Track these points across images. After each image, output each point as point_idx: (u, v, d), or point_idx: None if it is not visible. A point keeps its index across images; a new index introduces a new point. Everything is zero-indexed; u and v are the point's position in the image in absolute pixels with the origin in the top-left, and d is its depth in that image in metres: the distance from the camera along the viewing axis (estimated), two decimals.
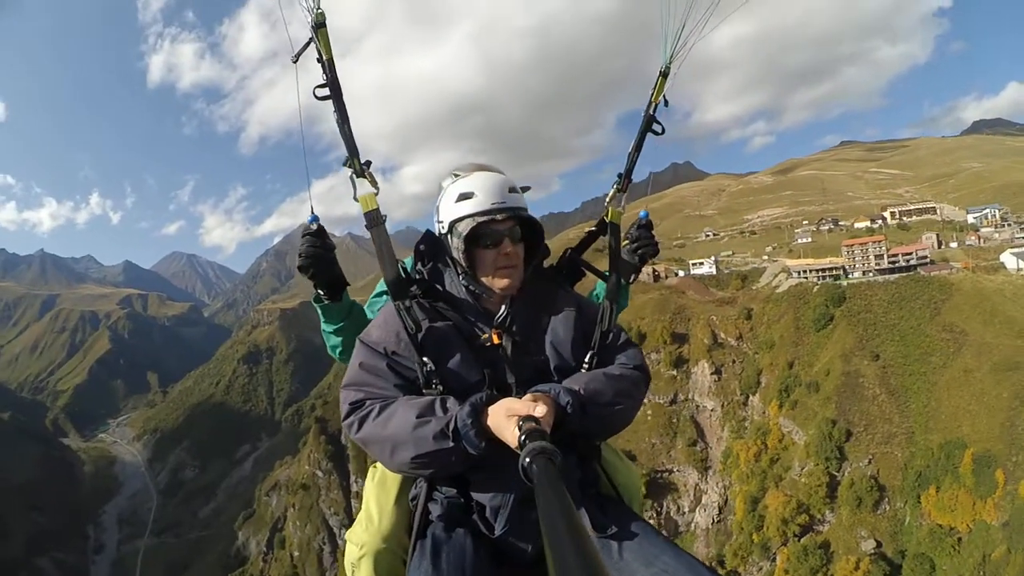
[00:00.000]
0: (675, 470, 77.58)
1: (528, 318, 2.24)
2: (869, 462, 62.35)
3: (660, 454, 78.11)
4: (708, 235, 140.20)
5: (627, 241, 3.01)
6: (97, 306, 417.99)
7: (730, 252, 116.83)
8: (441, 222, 2.26)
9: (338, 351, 2.89)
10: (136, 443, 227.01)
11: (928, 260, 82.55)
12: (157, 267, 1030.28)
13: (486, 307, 2.22)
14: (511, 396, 1.94)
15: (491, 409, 1.85)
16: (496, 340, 2.15)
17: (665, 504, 75.55)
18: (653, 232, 3.05)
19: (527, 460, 1.41)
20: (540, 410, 1.74)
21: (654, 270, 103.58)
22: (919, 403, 64.29)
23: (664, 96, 2.78)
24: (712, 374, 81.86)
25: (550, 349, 2.21)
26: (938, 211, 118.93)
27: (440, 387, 2.06)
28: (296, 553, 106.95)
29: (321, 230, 2.62)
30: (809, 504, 62.45)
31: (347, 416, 2.08)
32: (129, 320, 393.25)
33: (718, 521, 71.88)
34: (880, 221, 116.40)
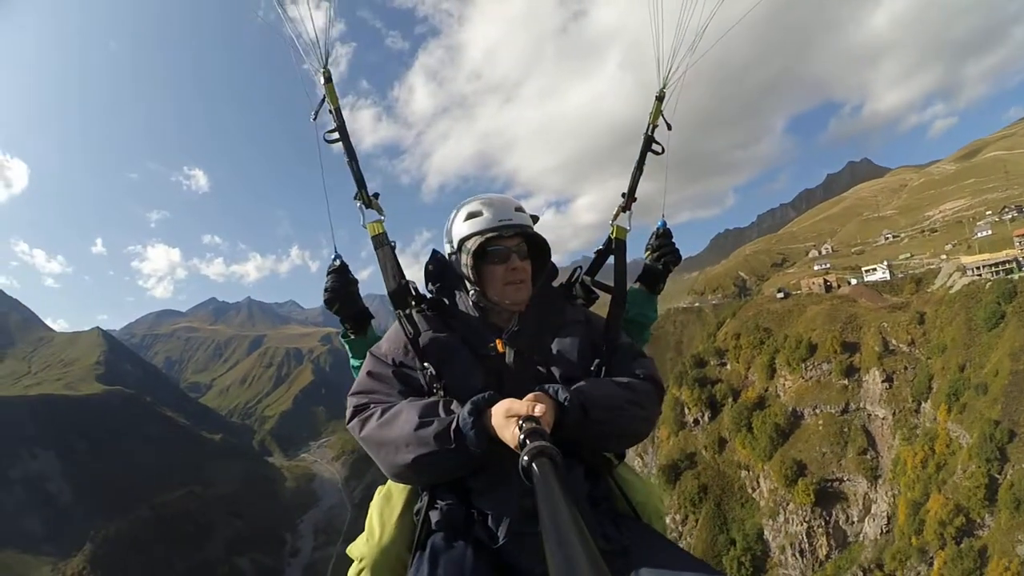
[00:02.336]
0: (845, 479, 78.20)
1: (534, 329, 2.32)
2: None
3: (830, 463, 79.41)
4: (887, 237, 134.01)
5: (648, 252, 3.16)
6: (300, 343, 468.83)
7: (908, 254, 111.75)
8: (451, 242, 2.42)
9: None
10: (335, 463, 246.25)
11: None
12: None
13: (494, 322, 2.34)
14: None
15: (492, 410, 1.85)
16: (500, 349, 2.21)
17: (834, 513, 76.63)
18: (673, 239, 3.17)
19: (527, 460, 1.40)
20: (540, 410, 1.74)
21: (825, 280, 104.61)
22: None
23: (664, 118, 3.04)
24: (883, 382, 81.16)
25: (555, 358, 2.28)
26: None
27: (442, 393, 2.12)
28: None
29: (344, 266, 2.97)
30: (968, 507, 61.42)
31: (351, 419, 2.17)
32: (329, 354, 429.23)
33: (887, 531, 71.70)
34: None
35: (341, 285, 2.92)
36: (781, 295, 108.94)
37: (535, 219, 2.46)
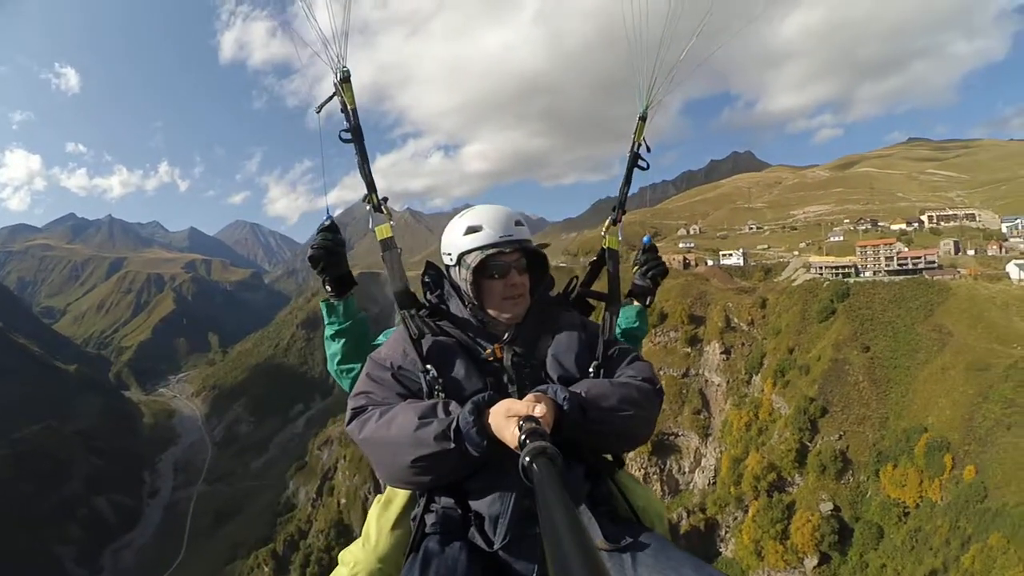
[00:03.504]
0: (680, 434, 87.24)
1: (531, 335, 2.36)
2: (839, 438, 70.72)
3: (668, 419, 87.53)
4: (752, 228, 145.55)
5: (636, 267, 3.33)
6: (163, 269, 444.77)
7: (766, 246, 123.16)
8: (449, 254, 2.41)
9: (336, 360, 2.97)
10: (195, 398, 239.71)
11: (936, 265, 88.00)
12: (221, 234, 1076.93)
13: (491, 331, 2.35)
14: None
15: (492, 410, 1.85)
16: (498, 354, 2.24)
17: (668, 463, 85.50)
18: (658, 253, 3.37)
19: (527, 459, 1.39)
20: (540, 410, 1.74)
21: (684, 258, 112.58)
22: (897, 393, 71.72)
23: (644, 140, 3.16)
24: (722, 353, 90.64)
25: (552, 362, 2.29)
26: (976, 217, 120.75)
27: (443, 395, 2.11)
28: (343, 500, 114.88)
29: (334, 225, 2.92)
30: (780, 466, 71.73)
31: (350, 421, 2.14)
32: (193, 283, 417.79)
33: (713, 483, 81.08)
34: (916, 224, 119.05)
35: (331, 244, 2.86)
36: None
37: (543, 247, 2.52)
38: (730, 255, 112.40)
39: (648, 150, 3.17)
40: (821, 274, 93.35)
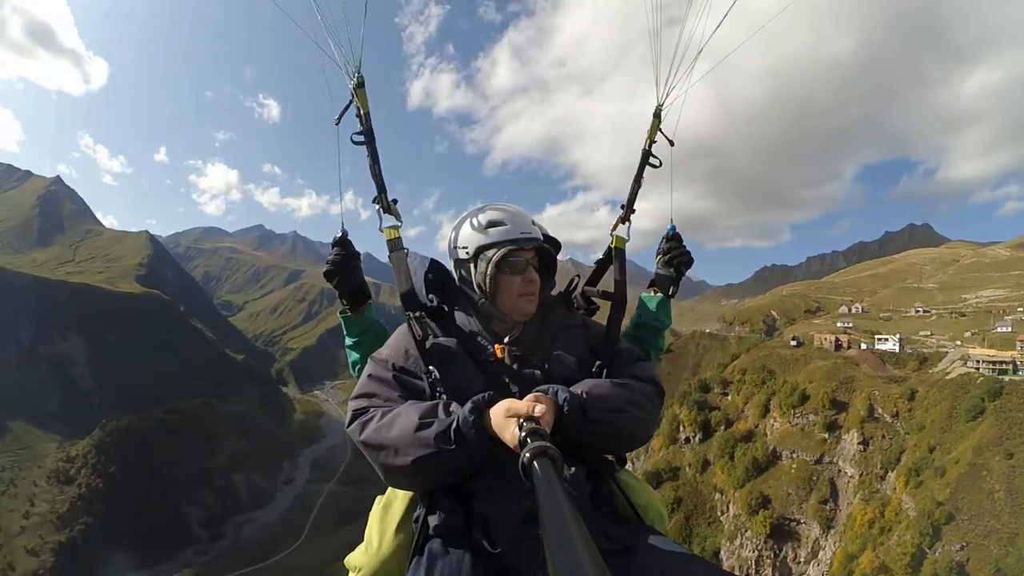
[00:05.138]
0: (802, 521, 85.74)
1: (534, 335, 2.37)
2: (961, 548, 66.85)
3: (792, 504, 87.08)
4: (917, 311, 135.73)
5: (660, 256, 3.16)
6: None
7: (929, 332, 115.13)
8: (464, 248, 2.40)
9: (356, 368, 3.00)
10: (345, 405, 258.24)
11: None
12: None
13: (495, 330, 2.37)
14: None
15: (492, 410, 1.85)
16: (500, 355, 2.25)
17: (784, 549, 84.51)
18: (683, 242, 3.15)
19: (527, 459, 1.38)
20: (540, 410, 1.73)
21: (836, 339, 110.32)
22: None
23: (664, 134, 3.10)
24: (859, 444, 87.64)
25: (555, 363, 2.29)
26: None
27: (444, 397, 2.11)
28: None
29: (347, 239, 2.96)
30: (894, 570, 68.81)
31: (350, 423, 2.14)
32: None
33: None
34: None
35: (343, 258, 2.97)
36: (794, 343, 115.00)
37: (557, 246, 2.62)
38: (886, 340, 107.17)
39: (671, 144, 3.15)
40: (978, 368, 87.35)
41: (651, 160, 3.16)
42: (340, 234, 3.00)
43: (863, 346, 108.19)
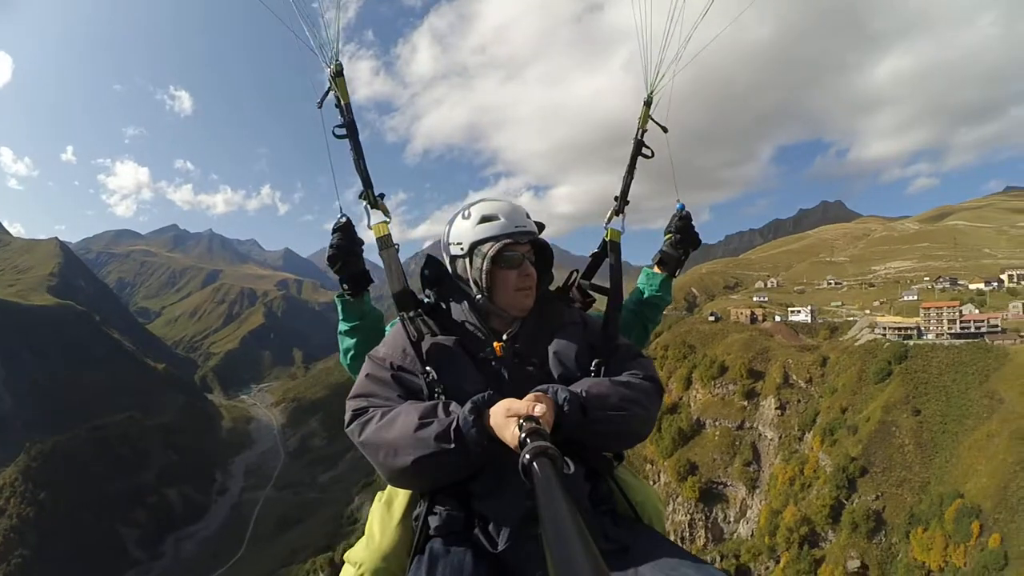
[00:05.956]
0: (729, 484, 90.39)
1: (532, 333, 2.32)
2: (877, 498, 72.12)
3: (718, 468, 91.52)
4: (830, 283, 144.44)
5: (668, 235, 3.21)
6: (256, 285, 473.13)
7: (840, 303, 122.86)
8: (458, 244, 2.36)
9: (350, 355, 3.02)
10: (274, 408, 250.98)
11: (999, 329, 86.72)
12: (314, 257, 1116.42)
13: (493, 327, 2.33)
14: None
15: (492, 410, 1.83)
16: (499, 353, 2.23)
17: (714, 511, 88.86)
18: (692, 223, 3.22)
19: (527, 459, 1.38)
20: (540, 409, 1.72)
21: (752, 312, 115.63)
22: (942, 458, 72.28)
23: (655, 121, 3.11)
24: (777, 409, 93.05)
25: (554, 360, 2.27)
26: None
27: (443, 397, 2.08)
28: None
29: (350, 224, 2.84)
30: (815, 521, 74.04)
31: (349, 423, 2.12)
32: (284, 301, 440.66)
33: (755, 534, 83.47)
34: (995, 284, 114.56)
35: (347, 243, 2.86)
36: (712, 318, 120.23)
37: (540, 227, 2.52)
38: (798, 311, 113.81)
39: (664, 131, 3.15)
40: (884, 335, 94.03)
41: (644, 151, 3.20)
42: (343, 219, 2.89)
43: (777, 318, 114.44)
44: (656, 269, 3.29)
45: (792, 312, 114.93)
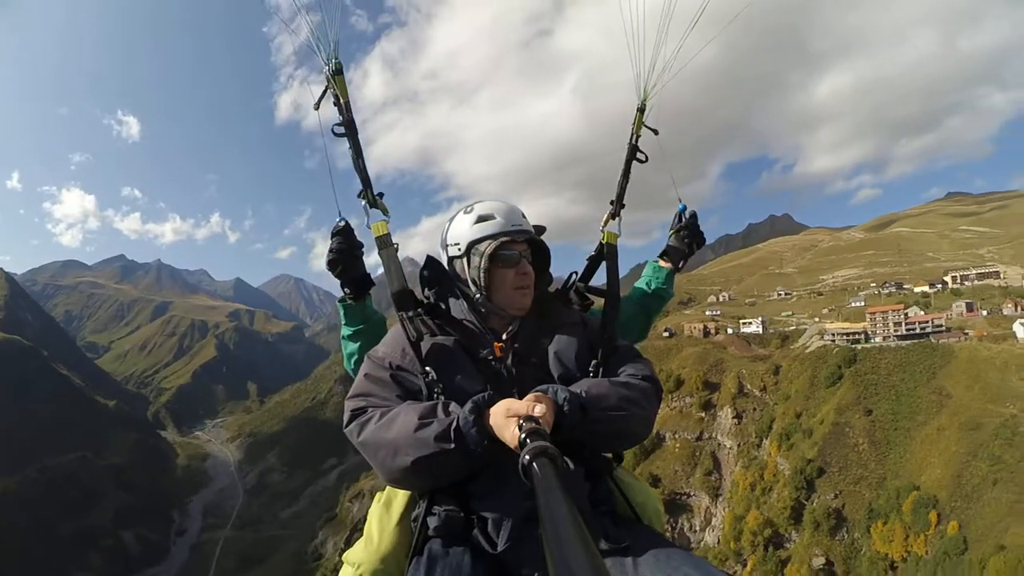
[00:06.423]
0: (692, 494, 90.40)
1: (532, 333, 2.31)
2: (835, 496, 73.16)
3: (680, 479, 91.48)
4: (780, 294, 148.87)
5: (673, 232, 3.25)
6: (207, 316, 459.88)
7: (790, 312, 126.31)
8: (456, 244, 2.35)
9: (353, 360, 2.97)
10: (230, 444, 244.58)
11: (944, 328, 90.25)
12: (265, 286, 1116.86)
13: (492, 327, 2.31)
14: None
15: (492, 410, 1.81)
16: (499, 353, 2.21)
17: (680, 522, 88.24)
18: (698, 222, 3.26)
19: (527, 459, 1.37)
20: (540, 410, 1.70)
21: (705, 326, 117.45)
22: (896, 454, 74.02)
23: (648, 126, 3.12)
24: (734, 418, 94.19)
25: (553, 360, 2.25)
26: (1001, 275, 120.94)
27: (442, 397, 2.07)
28: None
29: (348, 229, 2.78)
30: (777, 523, 74.56)
31: (348, 423, 2.09)
32: (236, 332, 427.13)
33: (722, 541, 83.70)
34: (939, 286, 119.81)
35: (347, 247, 2.79)
36: (667, 334, 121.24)
37: (541, 230, 2.52)
38: (750, 323, 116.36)
39: (655, 133, 3.16)
40: (833, 341, 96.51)
41: (638, 155, 3.17)
42: (342, 223, 2.82)
43: (729, 331, 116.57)
44: (661, 263, 3.32)
45: (744, 324, 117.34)
